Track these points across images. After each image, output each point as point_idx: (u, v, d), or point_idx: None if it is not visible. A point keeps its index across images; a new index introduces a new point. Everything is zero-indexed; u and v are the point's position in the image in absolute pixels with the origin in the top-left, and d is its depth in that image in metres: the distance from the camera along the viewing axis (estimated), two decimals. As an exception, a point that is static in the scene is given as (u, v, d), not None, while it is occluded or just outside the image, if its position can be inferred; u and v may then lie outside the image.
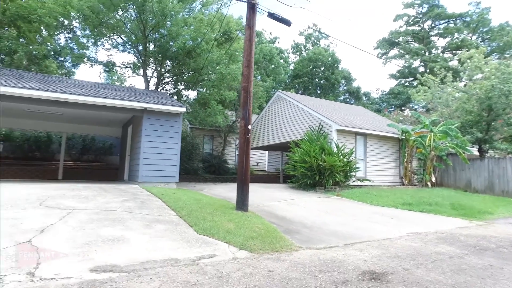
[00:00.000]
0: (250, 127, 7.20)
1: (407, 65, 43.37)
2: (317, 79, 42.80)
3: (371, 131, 15.00)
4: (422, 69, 41.72)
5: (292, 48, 48.85)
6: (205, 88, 17.54)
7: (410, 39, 44.81)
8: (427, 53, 41.96)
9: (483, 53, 19.63)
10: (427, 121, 16.15)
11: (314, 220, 7.09)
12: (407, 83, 43.91)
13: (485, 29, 39.55)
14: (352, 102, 43.37)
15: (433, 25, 43.32)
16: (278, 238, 5.18)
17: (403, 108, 39.82)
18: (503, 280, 3.77)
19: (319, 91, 42.99)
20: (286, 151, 18.49)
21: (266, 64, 28.24)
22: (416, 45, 43.16)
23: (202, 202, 7.57)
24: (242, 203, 7.00)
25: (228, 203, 7.85)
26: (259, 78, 26.60)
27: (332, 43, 48.04)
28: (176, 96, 18.37)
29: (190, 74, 17.73)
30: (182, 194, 8.59)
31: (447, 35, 41.76)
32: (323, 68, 42.49)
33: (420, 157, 15.95)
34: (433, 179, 15.65)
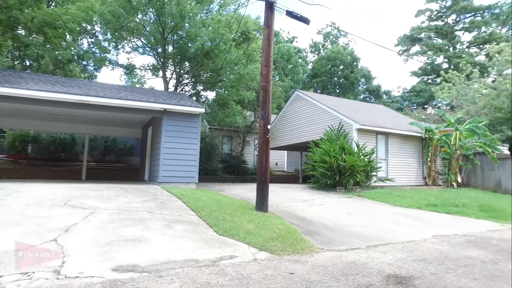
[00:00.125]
0: (269, 127, 7.13)
1: (429, 61, 41.94)
2: (336, 78, 42.21)
3: (392, 130, 14.62)
4: (446, 65, 40.27)
5: (310, 47, 48.42)
6: (223, 89, 17.61)
7: (433, 34, 43.33)
8: (451, 48, 40.46)
9: (514, 46, 18.74)
10: (452, 119, 15.56)
11: (335, 221, 6.94)
12: (429, 81, 42.54)
13: (516, 21, 37.56)
14: (372, 101, 42.50)
15: (457, 19, 41.64)
16: (299, 239, 5.09)
17: (425, 106, 38.59)
18: (541, 287, 3.53)
19: (338, 90, 42.37)
20: (305, 151, 18.30)
21: (284, 64, 28.04)
22: (440, 40, 41.67)
23: (222, 202, 7.56)
24: (261, 203, 6.94)
25: (248, 204, 7.81)
26: (277, 78, 26.47)
27: (351, 41, 47.32)
28: (195, 97, 18.54)
29: (208, 75, 17.86)
30: (201, 194, 8.61)
31: (473, 29, 39.93)
32: (342, 66, 41.86)
33: (445, 156, 15.37)
34: (459, 180, 15.04)
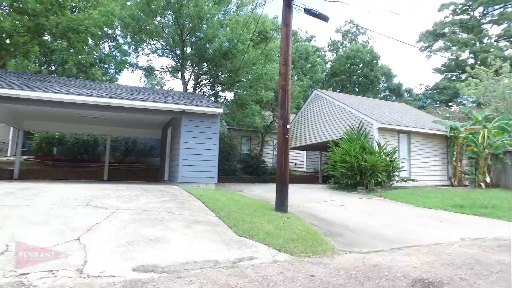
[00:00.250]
0: (288, 126, 7.04)
1: (454, 57, 40.39)
2: (355, 77, 41.47)
3: (415, 128, 14.24)
4: (471, 61, 38.64)
5: (329, 46, 47.74)
6: (242, 89, 17.67)
7: (457, 29, 41.66)
8: (477, 43, 38.74)
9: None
10: (479, 116, 14.93)
11: (357, 222, 6.77)
12: (454, 77, 41.04)
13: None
14: (393, 100, 41.50)
15: (485, 11, 39.69)
16: (320, 240, 4.97)
17: (449, 104, 37.28)
18: None
19: (358, 89, 41.62)
20: (324, 151, 18.10)
21: (303, 63, 27.77)
22: (465, 35, 40.03)
23: (241, 203, 7.53)
24: (281, 204, 6.85)
25: (267, 204, 7.75)
26: (295, 77, 26.27)
27: (371, 39, 46.38)
28: (214, 98, 18.67)
29: (226, 76, 17.95)
30: (221, 194, 8.61)
31: (502, 21, 37.81)
32: (361, 65, 41.08)
33: (472, 155, 14.74)
34: (487, 180, 14.38)
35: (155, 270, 3.32)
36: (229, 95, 21.23)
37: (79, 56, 16.73)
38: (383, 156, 12.06)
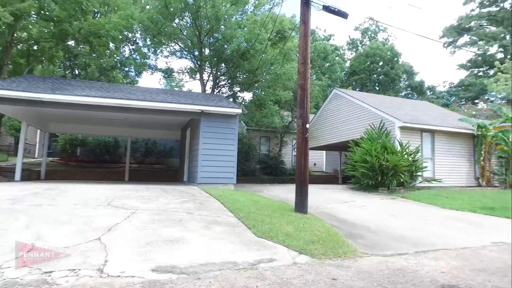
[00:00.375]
0: (308, 126, 6.91)
1: (481, 52, 38.69)
2: (375, 75, 40.64)
3: (439, 127, 13.74)
4: (500, 55, 36.92)
5: (348, 45, 47.02)
6: (260, 89, 17.65)
7: (485, 22, 39.80)
8: (507, 36, 36.99)
9: None
10: (510, 113, 14.23)
11: (378, 223, 6.56)
12: (481, 73, 39.33)
13: None
14: (414, 98, 40.34)
15: (517, 2, 37.94)
16: (341, 242, 4.83)
17: (475, 101, 35.86)
18: None
19: (378, 88, 40.74)
20: (344, 151, 17.79)
21: (321, 62, 27.50)
22: (493, 28, 38.28)
23: (260, 203, 7.46)
24: (301, 205, 6.73)
25: (287, 205, 7.64)
26: (314, 77, 26.02)
27: (391, 36, 45.35)
28: (232, 98, 18.73)
29: (245, 76, 17.96)
30: (240, 195, 8.58)
31: (536, 12, 36.05)
32: (381, 63, 40.22)
33: (502, 155, 14.04)
34: (519, 180, 13.70)
35: (174, 271, 3.29)
36: (247, 96, 21.33)
37: (101, 60, 17.18)
38: (406, 156, 11.74)
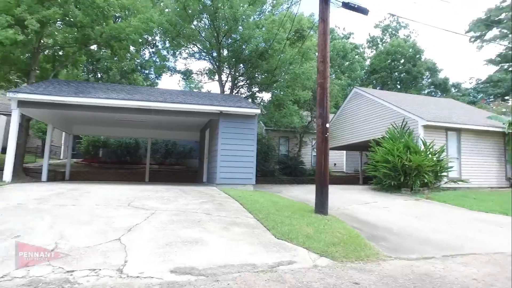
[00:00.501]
0: (328, 125, 6.76)
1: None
2: (396, 73, 39.60)
3: (465, 125, 13.21)
4: (533, 48, 35.16)
5: (368, 43, 46.09)
6: (279, 89, 17.56)
7: (517, 14, 38.02)
8: (542, 27, 35.09)
9: None
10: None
11: (402, 225, 6.32)
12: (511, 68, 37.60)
13: None
14: (438, 96, 39.03)
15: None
16: (363, 245, 4.67)
17: (505, 97, 34.27)
18: None
19: (399, 86, 39.69)
20: (365, 151, 17.43)
21: (340, 61, 27.05)
22: (526, 20, 36.40)
23: (279, 204, 7.37)
24: (321, 206, 6.59)
25: (306, 206, 7.52)
26: (333, 76, 25.65)
27: (413, 33, 44.13)
28: (251, 99, 18.73)
29: (263, 76, 17.92)
30: (259, 196, 8.51)
31: None
32: (403, 60, 39.14)
33: (535, 153, 13.38)
34: (555, 180, 12.98)
35: (192, 273, 3.25)
36: (266, 96, 21.28)
37: (122, 63, 17.56)
38: (430, 155, 11.37)
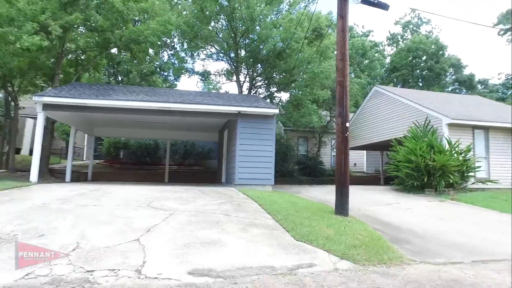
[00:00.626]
0: (347, 124, 6.60)
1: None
2: (418, 71, 38.47)
3: (494, 123, 12.64)
4: None
5: (388, 40, 44.99)
6: (297, 89, 17.42)
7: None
8: None
9: None
10: None
11: (426, 228, 6.08)
12: (542, 62, 35.82)
13: None
14: (463, 93, 37.64)
15: None
16: (385, 247, 4.49)
17: (537, 92, 32.66)
18: None
19: (421, 84, 38.54)
20: (386, 150, 16.99)
21: (360, 59, 26.53)
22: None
23: (298, 205, 7.26)
24: (341, 207, 6.43)
25: (326, 207, 7.37)
26: (352, 75, 25.21)
27: (435, 28, 42.76)
28: (269, 99, 18.67)
29: (281, 76, 17.82)
30: (277, 197, 8.43)
31: None
32: (425, 57, 37.98)
33: None
34: None
35: (210, 275, 3.20)
36: (284, 96, 21.17)
37: (141, 66, 17.90)
38: (455, 155, 10.93)
